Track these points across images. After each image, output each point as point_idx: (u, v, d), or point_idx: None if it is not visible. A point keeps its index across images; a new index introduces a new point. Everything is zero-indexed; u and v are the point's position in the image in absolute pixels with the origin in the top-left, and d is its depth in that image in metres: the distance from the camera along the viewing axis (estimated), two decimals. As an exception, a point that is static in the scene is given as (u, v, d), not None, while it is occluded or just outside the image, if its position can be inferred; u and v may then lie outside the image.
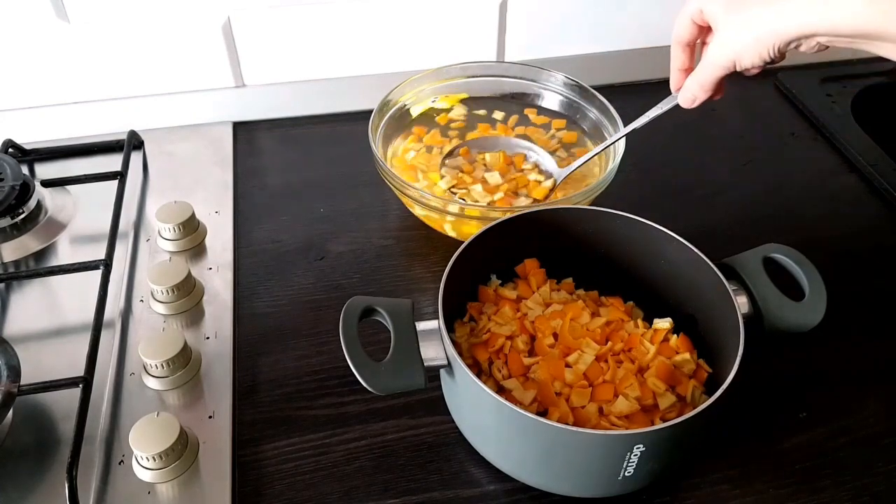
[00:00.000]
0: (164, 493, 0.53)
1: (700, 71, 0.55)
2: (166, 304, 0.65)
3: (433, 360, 0.51)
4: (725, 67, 0.53)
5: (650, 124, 0.65)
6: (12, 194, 0.72)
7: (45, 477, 0.54)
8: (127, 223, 0.75)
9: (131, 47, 0.82)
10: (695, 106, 0.57)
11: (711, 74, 0.54)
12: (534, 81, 0.81)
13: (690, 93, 0.56)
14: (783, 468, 0.56)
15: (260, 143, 0.87)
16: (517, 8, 0.88)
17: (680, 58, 0.57)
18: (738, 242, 0.61)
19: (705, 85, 0.55)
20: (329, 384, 0.61)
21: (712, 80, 0.55)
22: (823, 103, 0.92)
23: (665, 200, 0.80)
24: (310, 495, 0.54)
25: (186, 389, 0.60)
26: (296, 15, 0.83)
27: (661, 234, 0.59)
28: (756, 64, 0.51)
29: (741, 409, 0.59)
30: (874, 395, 0.61)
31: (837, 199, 0.81)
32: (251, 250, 0.73)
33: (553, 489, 0.53)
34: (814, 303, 0.56)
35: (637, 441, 0.46)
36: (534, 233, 0.62)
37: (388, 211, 0.78)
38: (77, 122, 0.85)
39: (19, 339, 0.63)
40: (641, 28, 0.93)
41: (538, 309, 0.60)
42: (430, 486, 0.55)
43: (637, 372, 0.55)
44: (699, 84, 0.55)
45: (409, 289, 0.70)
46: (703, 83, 0.55)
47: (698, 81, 0.55)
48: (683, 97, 0.57)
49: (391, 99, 0.78)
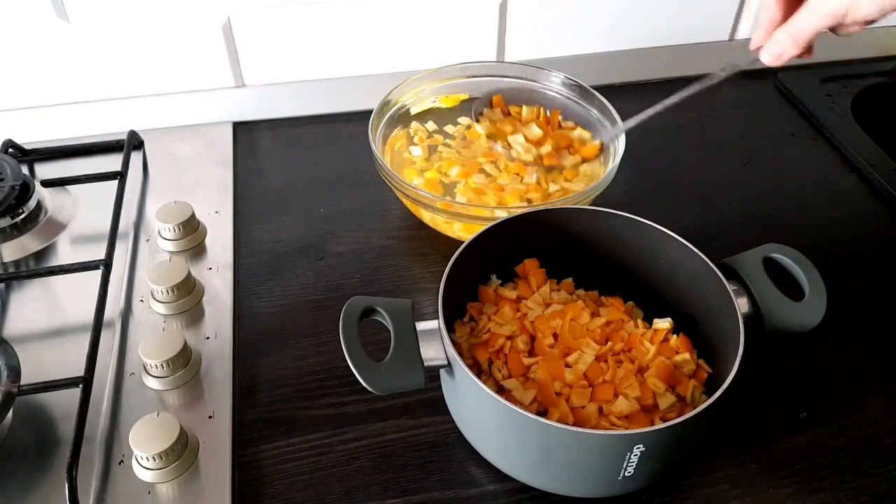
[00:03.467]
0: (164, 493, 0.53)
1: (798, 21, 0.48)
2: (166, 304, 0.65)
3: (433, 360, 0.51)
4: (834, 17, 0.47)
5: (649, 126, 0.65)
6: (12, 194, 0.72)
7: (45, 477, 0.54)
8: (127, 223, 0.75)
9: (131, 47, 0.82)
10: (780, 63, 0.51)
11: (812, 25, 0.48)
12: (534, 81, 0.81)
13: (780, 46, 0.50)
14: (783, 468, 0.56)
15: (260, 143, 0.87)
16: (517, 8, 0.88)
17: (773, 9, 0.50)
18: (738, 242, 0.61)
19: (799, 38, 0.49)
20: (329, 384, 0.61)
21: (811, 33, 0.48)
22: (823, 103, 0.92)
23: (665, 200, 0.80)
24: (310, 495, 0.54)
25: (186, 389, 0.60)
26: (296, 15, 0.83)
27: (661, 234, 0.59)
28: (873, 15, 0.45)
29: (741, 409, 0.59)
30: (874, 395, 0.61)
31: (837, 199, 0.81)
32: (251, 250, 0.73)
33: (553, 489, 0.53)
34: (814, 303, 0.56)
35: (637, 441, 0.46)
36: (534, 233, 0.62)
37: (388, 211, 0.78)
38: (77, 122, 0.85)
39: (19, 339, 0.63)
40: (642, 28, 0.93)
41: (538, 309, 0.60)
42: (430, 486, 0.55)
43: (637, 372, 0.55)
44: (792, 36, 0.49)
45: (409, 289, 0.70)
46: (798, 35, 0.48)
47: (791, 33, 0.49)
48: (769, 51, 0.51)
49: (391, 99, 0.78)
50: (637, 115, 0.64)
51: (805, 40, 0.49)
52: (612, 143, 0.73)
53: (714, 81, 0.58)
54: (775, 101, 0.95)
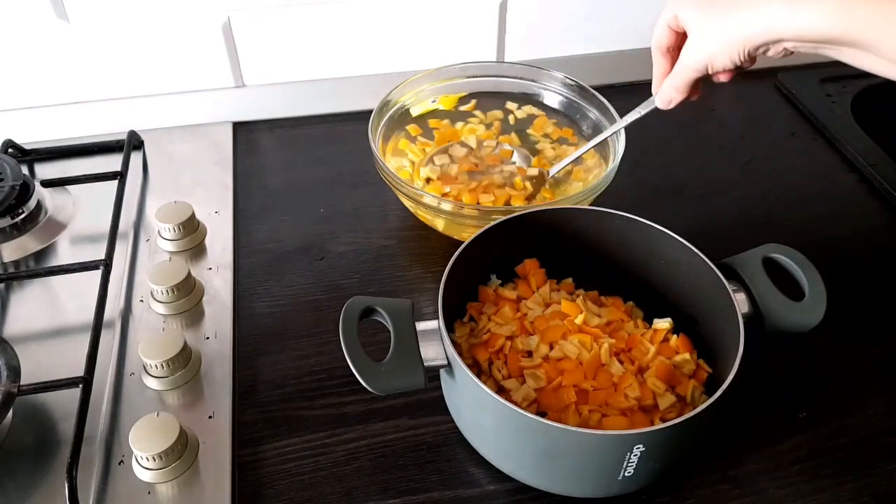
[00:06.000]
0: (164, 493, 0.53)
1: (675, 74, 0.57)
2: (166, 304, 0.65)
3: (433, 360, 0.51)
4: (698, 70, 0.55)
5: (649, 126, 0.65)
6: (12, 194, 0.72)
7: (45, 477, 0.54)
8: (127, 223, 0.75)
9: (131, 47, 0.82)
10: (671, 107, 0.60)
11: (685, 77, 0.56)
12: (534, 81, 0.81)
13: (667, 94, 0.59)
14: (783, 468, 0.56)
15: (260, 143, 0.87)
16: (517, 8, 0.88)
17: (661, 64, 0.59)
18: (738, 242, 0.61)
19: (680, 87, 0.57)
20: (329, 384, 0.61)
21: (686, 83, 0.57)
22: (823, 103, 0.92)
23: (665, 200, 0.80)
24: (310, 495, 0.54)
25: (186, 389, 0.60)
26: (296, 15, 0.83)
27: (661, 234, 0.59)
28: (727, 67, 0.53)
29: (741, 409, 0.59)
30: (874, 395, 0.61)
31: (837, 199, 0.81)
32: (251, 250, 0.73)
33: (553, 489, 0.53)
34: (814, 303, 0.56)
35: (637, 441, 0.46)
36: (534, 233, 0.62)
37: (388, 211, 0.78)
38: (77, 122, 0.85)
39: (19, 339, 0.63)
40: (641, 28, 0.92)
41: (538, 309, 0.60)
42: (430, 486, 0.55)
43: (637, 372, 0.55)
44: (674, 86, 0.58)
45: (409, 289, 0.70)
46: (678, 85, 0.57)
47: (673, 84, 0.58)
48: (661, 98, 0.60)
49: (391, 99, 0.78)
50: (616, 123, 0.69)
51: (685, 88, 0.57)
52: (613, 143, 0.73)
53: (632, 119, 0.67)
54: (775, 101, 0.95)
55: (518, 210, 0.62)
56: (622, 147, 0.70)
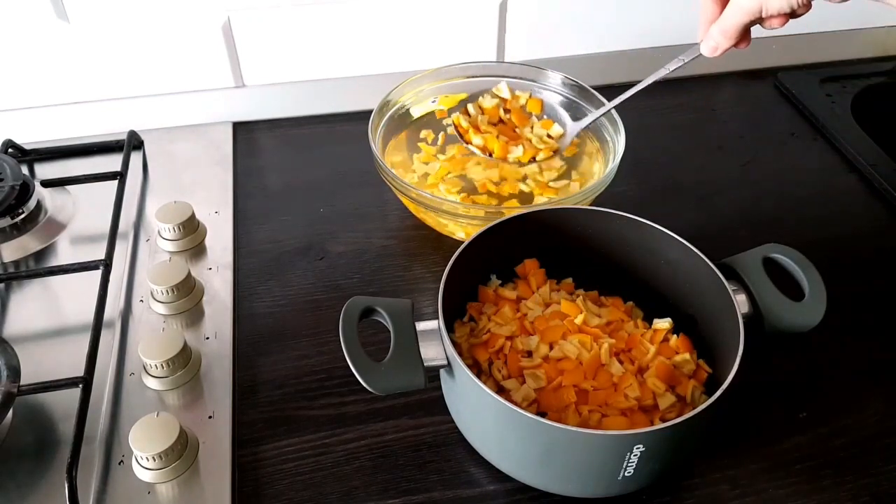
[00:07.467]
0: (164, 493, 0.53)
1: (725, 17, 0.53)
2: (166, 304, 0.65)
3: (433, 360, 0.51)
4: (752, 12, 0.51)
5: (649, 126, 0.65)
6: (12, 194, 0.72)
7: (45, 477, 0.54)
8: (127, 223, 0.75)
9: (131, 47, 0.82)
10: (717, 55, 0.56)
11: (737, 21, 0.52)
12: (534, 81, 0.81)
13: (714, 41, 0.55)
14: (783, 468, 0.56)
15: (260, 143, 0.87)
16: (517, 8, 0.88)
17: (710, 8, 0.55)
18: (738, 242, 0.61)
19: (729, 32, 0.54)
20: (329, 384, 0.61)
21: (737, 28, 0.53)
22: (823, 103, 0.92)
23: (665, 200, 0.80)
24: (310, 495, 0.54)
25: (186, 389, 0.60)
26: (296, 15, 0.83)
27: (661, 234, 0.59)
28: (783, 10, 0.50)
29: (741, 409, 0.59)
30: (874, 395, 0.61)
31: (837, 200, 0.81)
32: (251, 250, 0.73)
33: (553, 489, 0.53)
34: (814, 303, 0.56)
35: (637, 441, 0.46)
36: (534, 233, 0.62)
37: (388, 211, 0.78)
38: (77, 122, 0.85)
39: (19, 339, 0.63)
40: (642, 28, 0.93)
41: (538, 309, 0.60)
42: (430, 486, 0.55)
43: (637, 372, 0.55)
44: (723, 31, 0.54)
45: (409, 289, 0.70)
46: (727, 29, 0.54)
47: (722, 28, 0.54)
48: (706, 45, 0.56)
49: (391, 99, 0.78)
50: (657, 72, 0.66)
51: (734, 34, 0.54)
52: (613, 143, 0.73)
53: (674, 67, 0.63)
54: (775, 101, 0.95)
55: (518, 210, 0.62)
56: (622, 147, 0.70)
